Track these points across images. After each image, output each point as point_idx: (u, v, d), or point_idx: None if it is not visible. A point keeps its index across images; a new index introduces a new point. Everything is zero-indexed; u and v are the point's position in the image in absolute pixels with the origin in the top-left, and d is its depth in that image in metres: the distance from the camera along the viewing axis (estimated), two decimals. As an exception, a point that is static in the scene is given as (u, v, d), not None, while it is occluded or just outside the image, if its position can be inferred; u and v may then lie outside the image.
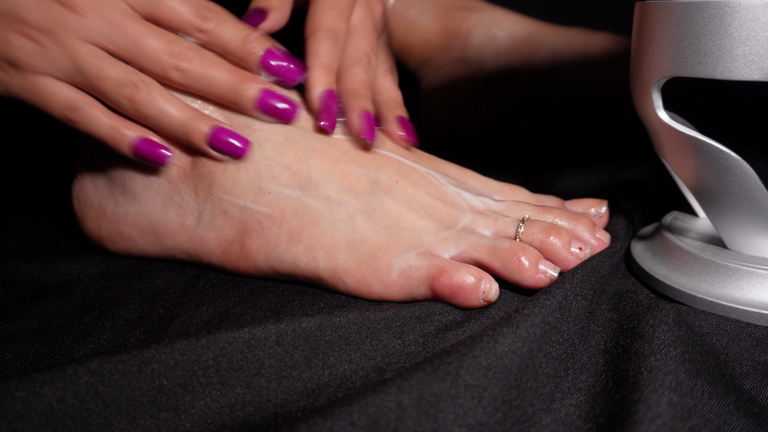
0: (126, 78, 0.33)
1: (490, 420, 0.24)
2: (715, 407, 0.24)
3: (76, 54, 0.33)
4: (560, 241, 0.33)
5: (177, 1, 0.34)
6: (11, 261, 0.39)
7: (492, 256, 0.32)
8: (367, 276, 0.32)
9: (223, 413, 0.25)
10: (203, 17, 0.34)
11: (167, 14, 0.33)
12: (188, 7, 0.34)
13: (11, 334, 0.31)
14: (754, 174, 0.30)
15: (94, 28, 0.32)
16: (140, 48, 0.33)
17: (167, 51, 0.33)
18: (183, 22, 0.34)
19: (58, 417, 0.24)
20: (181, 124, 0.34)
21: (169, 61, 0.33)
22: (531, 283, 0.31)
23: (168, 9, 0.33)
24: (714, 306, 0.31)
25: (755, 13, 0.27)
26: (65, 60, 0.33)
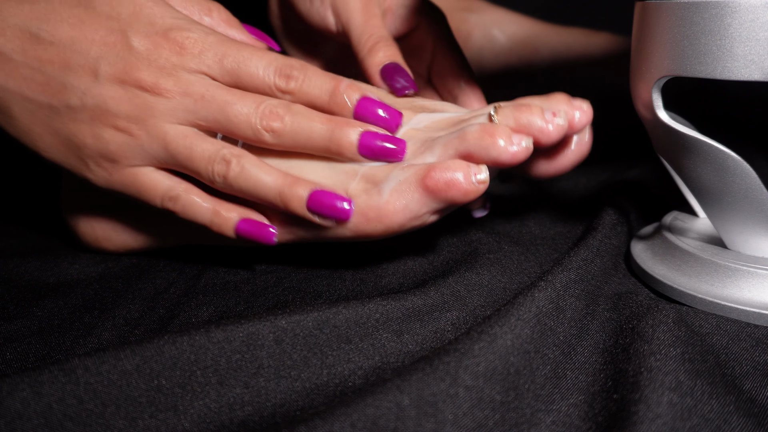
0: (216, 155, 0.32)
1: (488, 421, 0.24)
2: (715, 407, 0.24)
3: (166, 138, 0.32)
4: (531, 113, 0.32)
5: (258, 64, 0.32)
6: (11, 261, 0.39)
7: (465, 142, 0.31)
8: (361, 207, 0.31)
9: (221, 413, 0.25)
10: (287, 77, 0.32)
11: (250, 79, 0.32)
12: (270, 68, 0.32)
13: (11, 334, 0.31)
14: (754, 174, 0.30)
15: (180, 108, 0.31)
16: (228, 116, 0.32)
17: (256, 114, 0.32)
18: (266, 85, 0.32)
19: (57, 417, 0.24)
20: (277, 193, 0.32)
21: (259, 124, 0.32)
22: (507, 157, 0.30)
23: (250, 74, 0.32)
24: (714, 306, 0.31)
25: (755, 13, 0.27)
26: (156, 146, 0.32)
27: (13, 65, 0.32)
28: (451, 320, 0.31)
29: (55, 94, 0.32)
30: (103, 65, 0.31)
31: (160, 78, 0.31)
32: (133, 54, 0.31)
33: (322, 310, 0.29)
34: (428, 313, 0.31)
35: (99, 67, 0.31)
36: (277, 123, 0.32)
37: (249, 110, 0.32)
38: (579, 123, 0.33)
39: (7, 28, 0.32)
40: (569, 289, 0.30)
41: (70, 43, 0.31)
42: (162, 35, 0.32)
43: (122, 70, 0.31)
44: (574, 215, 0.44)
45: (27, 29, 0.31)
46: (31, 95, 0.32)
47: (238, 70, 0.32)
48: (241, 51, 0.32)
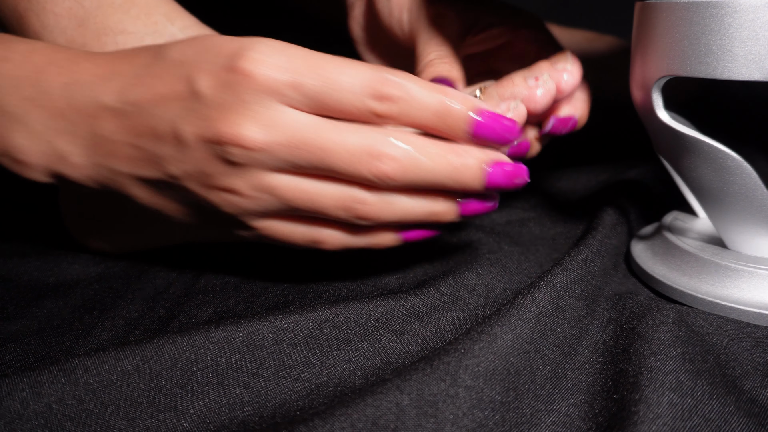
0: (343, 203, 0.28)
1: (488, 421, 0.24)
2: (715, 407, 0.24)
3: (275, 192, 0.28)
4: (514, 84, 0.31)
5: (346, 87, 0.27)
6: (11, 261, 0.39)
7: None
8: None
9: (221, 413, 0.25)
10: (383, 99, 0.27)
11: (339, 107, 0.27)
12: (363, 91, 0.27)
13: (11, 334, 0.31)
14: (754, 174, 0.30)
15: (272, 159, 0.27)
16: (329, 166, 0.27)
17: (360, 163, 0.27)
18: (360, 113, 0.27)
19: (57, 417, 0.24)
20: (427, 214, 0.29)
21: (368, 173, 0.27)
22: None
23: (339, 101, 0.27)
24: (714, 306, 0.31)
25: (756, 12, 0.27)
26: (271, 200, 0.28)
27: (116, 146, 0.29)
28: (451, 320, 0.31)
29: (158, 167, 0.29)
30: (182, 125, 0.28)
31: (236, 126, 0.27)
32: (202, 102, 0.27)
33: (322, 310, 0.29)
34: (428, 313, 0.30)
35: (179, 129, 0.28)
36: (388, 168, 0.27)
37: (351, 158, 0.27)
38: (567, 85, 0.32)
39: (101, 110, 0.29)
40: (569, 289, 0.30)
41: (150, 108, 0.28)
42: (227, 68, 0.27)
43: (199, 127, 0.27)
44: (574, 215, 0.44)
45: (117, 105, 0.29)
46: (140, 173, 0.29)
47: (323, 96, 0.27)
48: (321, 68, 0.27)
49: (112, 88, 0.29)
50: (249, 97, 0.27)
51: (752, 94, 0.36)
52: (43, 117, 0.30)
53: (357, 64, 0.27)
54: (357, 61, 0.27)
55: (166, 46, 0.29)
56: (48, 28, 0.34)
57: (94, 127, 0.29)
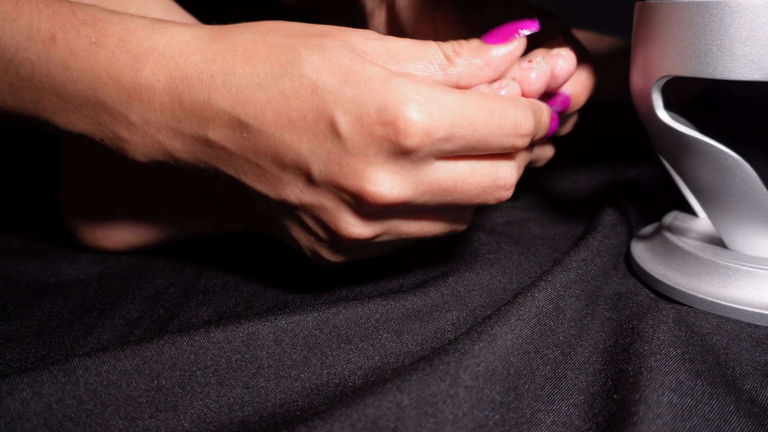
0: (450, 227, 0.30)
1: (488, 421, 0.24)
2: (715, 407, 0.24)
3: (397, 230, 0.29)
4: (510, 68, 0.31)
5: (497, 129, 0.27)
6: (11, 261, 0.39)
7: None
8: None
9: (221, 413, 0.25)
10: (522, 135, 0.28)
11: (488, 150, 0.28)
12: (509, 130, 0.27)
13: (11, 334, 0.31)
14: (754, 174, 0.30)
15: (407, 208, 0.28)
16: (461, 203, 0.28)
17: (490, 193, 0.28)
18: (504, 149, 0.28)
19: (57, 417, 0.24)
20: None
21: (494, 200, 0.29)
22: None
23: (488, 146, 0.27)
24: (714, 306, 0.31)
25: (756, 12, 0.27)
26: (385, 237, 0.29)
27: (228, 153, 0.28)
28: (451, 320, 0.31)
29: (272, 187, 0.28)
30: (315, 165, 0.26)
31: (380, 185, 0.26)
32: (342, 146, 0.26)
33: (322, 310, 0.29)
34: (428, 313, 0.30)
35: (311, 167, 0.27)
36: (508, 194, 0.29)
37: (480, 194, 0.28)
38: (562, 70, 0.32)
39: (216, 115, 0.27)
40: (569, 289, 0.30)
41: (279, 133, 0.26)
42: (380, 121, 0.25)
43: (336, 174, 0.26)
44: (574, 215, 0.44)
45: (235, 115, 0.27)
46: (249, 183, 0.28)
47: (477, 144, 0.27)
48: (475, 118, 0.26)
49: (229, 94, 0.27)
50: (402, 157, 0.26)
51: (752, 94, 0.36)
52: (145, 112, 0.28)
53: (506, 104, 0.27)
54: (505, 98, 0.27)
55: (299, 56, 0.26)
56: None
57: (205, 130, 0.27)
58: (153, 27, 0.28)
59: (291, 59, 0.26)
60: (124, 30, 0.28)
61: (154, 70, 0.27)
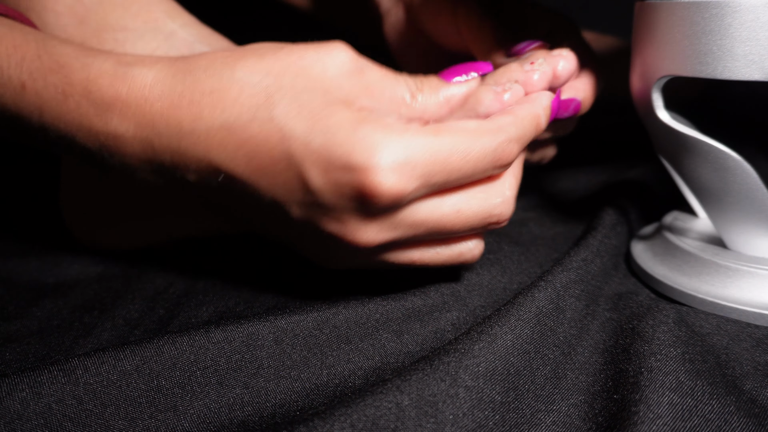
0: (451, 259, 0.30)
1: (488, 422, 0.24)
2: (715, 408, 0.24)
3: (387, 258, 0.29)
4: (509, 69, 0.31)
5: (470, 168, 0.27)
6: (11, 261, 0.39)
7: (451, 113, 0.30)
8: None
9: (221, 413, 0.25)
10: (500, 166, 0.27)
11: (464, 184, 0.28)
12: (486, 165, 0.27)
13: (11, 334, 0.31)
14: (754, 174, 0.30)
15: (393, 244, 0.28)
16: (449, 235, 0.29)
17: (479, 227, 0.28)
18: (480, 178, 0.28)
19: (57, 417, 0.24)
20: None
21: (485, 229, 0.29)
22: (498, 106, 0.29)
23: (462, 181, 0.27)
24: (714, 306, 0.31)
25: (756, 12, 0.27)
26: (376, 263, 0.29)
27: (210, 190, 0.28)
28: (451, 320, 0.31)
29: (260, 216, 0.29)
30: (293, 209, 0.27)
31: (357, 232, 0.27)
32: (316, 199, 0.26)
33: (321, 310, 0.29)
34: (428, 313, 0.30)
35: (290, 210, 0.27)
36: (503, 220, 0.29)
37: (468, 226, 0.28)
38: (564, 70, 0.32)
39: (190, 162, 0.27)
40: (569, 290, 0.30)
41: (253, 178, 0.26)
42: (343, 174, 0.25)
43: (315, 218, 0.27)
44: (574, 215, 0.44)
45: (208, 161, 0.27)
46: (236, 211, 0.29)
47: (451, 183, 0.27)
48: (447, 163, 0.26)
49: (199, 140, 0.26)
50: (374, 212, 0.26)
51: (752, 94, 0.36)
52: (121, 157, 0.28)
53: (484, 139, 0.26)
54: (485, 131, 0.27)
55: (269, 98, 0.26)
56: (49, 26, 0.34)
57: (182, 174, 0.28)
58: (115, 72, 0.27)
59: (261, 102, 0.26)
60: (87, 78, 0.27)
61: (121, 120, 0.27)
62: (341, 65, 0.27)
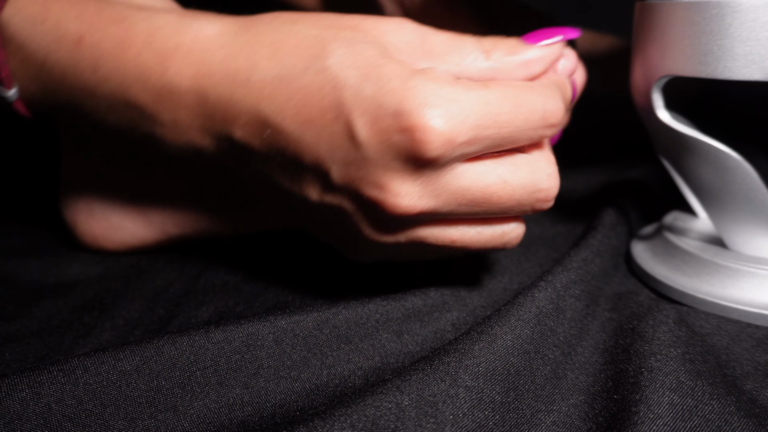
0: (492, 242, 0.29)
1: (488, 422, 0.24)
2: (716, 408, 0.24)
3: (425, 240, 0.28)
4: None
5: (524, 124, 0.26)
6: (11, 261, 0.39)
7: None
8: None
9: (221, 413, 0.25)
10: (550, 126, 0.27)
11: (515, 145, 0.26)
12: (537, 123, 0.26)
13: (11, 334, 0.31)
14: (754, 174, 0.30)
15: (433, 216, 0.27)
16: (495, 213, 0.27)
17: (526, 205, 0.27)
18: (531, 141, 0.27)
19: (57, 418, 0.24)
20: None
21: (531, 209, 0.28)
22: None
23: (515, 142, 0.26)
24: (714, 306, 0.31)
25: (756, 12, 0.27)
26: (412, 246, 0.28)
27: (253, 151, 0.27)
28: (451, 320, 0.31)
29: (295, 184, 0.27)
30: (334, 167, 0.26)
31: (397, 197, 0.25)
32: (361, 152, 0.25)
33: (321, 310, 0.29)
34: (428, 313, 0.30)
35: (330, 170, 0.26)
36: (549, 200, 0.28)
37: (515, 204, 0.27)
38: (565, 69, 0.31)
39: (240, 113, 0.26)
40: (569, 290, 0.30)
41: (299, 132, 0.25)
42: (393, 121, 0.24)
43: (354, 179, 0.26)
44: (574, 215, 0.44)
45: (257, 113, 0.26)
46: (274, 178, 0.28)
47: (503, 142, 0.26)
48: (500, 115, 0.25)
49: (252, 90, 0.26)
50: (419, 165, 0.25)
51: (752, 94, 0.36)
52: (173, 111, 0.27)
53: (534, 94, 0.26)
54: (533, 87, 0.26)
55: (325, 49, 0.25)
56: None
57: (230, 128, 0.27)
58: (179, 22, 0.27)
59: (317, 52, 0.25)
60: (151, 26, 0.27)
61: (180, 68, 0.27)
62: (402, 33, 0.27)
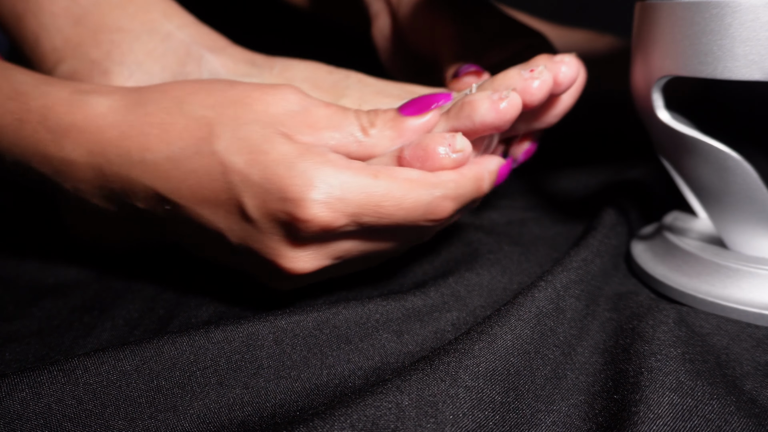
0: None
1: (488, 422, 0.24)
2: (715, 408, 0.24)
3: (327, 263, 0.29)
4: (508, 76, 0.30)
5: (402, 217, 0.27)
6: (11, 261, 0.39)
7: (450, 119, 0.29)
8: None
9: (221, 413, 0.25)
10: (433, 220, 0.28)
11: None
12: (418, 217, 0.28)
13: (11, 335, 0.31)
14: (754, 174, 0.30)
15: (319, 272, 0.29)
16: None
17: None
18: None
19: (57, 417, 0.24)
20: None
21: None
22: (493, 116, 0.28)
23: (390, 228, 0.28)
24: (714, 306, 0.31)
25: (756, 12, 0.27)
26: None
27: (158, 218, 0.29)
28: (451, 320, 0.31)
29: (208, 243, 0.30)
30: (233, 238, 0.28)
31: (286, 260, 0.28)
32: (254, 227, 0.27)
33: (321, 310, 0.29)
34: (428, 313, 0.30)
35: (230, 240, 0.28)
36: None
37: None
38: (565, 77, 0.31)
39: (138, 190, 0.28)
40: (569, 290, 0.30)
41: (197, 209, 0.28)
42: (279, 204, 0.26)
43: (253, 247, 0.28)
44: (574, 215, 0.44)
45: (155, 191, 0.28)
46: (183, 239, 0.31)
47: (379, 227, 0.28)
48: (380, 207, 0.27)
49: (147, 170, 0.28)
50: (303, 237, 0.27)
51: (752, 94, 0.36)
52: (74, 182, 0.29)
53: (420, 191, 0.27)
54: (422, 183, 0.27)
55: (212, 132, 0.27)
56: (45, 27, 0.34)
57: (132, 200, 0.29)
58: (72, 100, 0.29)
59: (205, 135, 0.27)
60: (44, 106, 0.29)
61: (75, 146, 0.28)
62: (286, 104, 0.28)
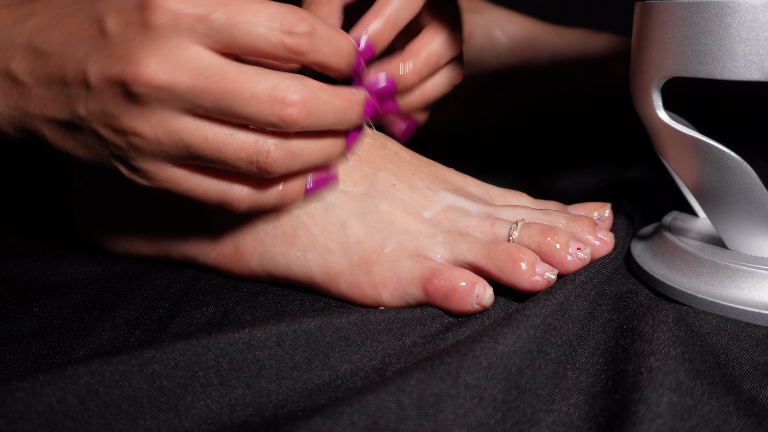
0: (247, 155, 0.29)
1: (489, 420, 0.24)
2: (715, 407, 0.24)
3: (179, 135, 0.28)
4: (558, 242, 0.32)
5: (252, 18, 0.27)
6: (11, 261, 0.39)
7: (487, 259, 0.31)
8: (359, 279, 0.31)
9: (223, 414, 0.25)
10: (290, 33, 0.27)
11: (248, 39, 0.27)
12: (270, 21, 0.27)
13: (11, 334, 0.31)
14: (754, 174, 0.30)
15: (174, 98, 0.27)
16: (237, 111, 0.28)
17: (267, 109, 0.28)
18: (269, 44, 0.27)
19: (59, 417, 0.24)
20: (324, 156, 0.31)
21: (274, 117, 0.28)
22: (527, 285, 0.31)
23: (246, 32, 0.27)
24: (714, 306, 0.31)
25: (755, 13, 0.27)
26: (174, 146, 0.28)
27: (27, 89, 0.29)
28: (453, 323, 0.31)
29: (66, 107, 0.29)
30: (88, 65, 0.28)
31: (139, 64, 0.27)
32: (109, 41, 0.27)
33: (323, 310, 0.29)
34: (430, 316, 0.31)
35: (87, 69, 0.28)
36: (293, 111, 0.28)
37: (257, 102, 0.27)
38: (598, 254, 0.33)
39: (15, 49, 0.29)
40: (570, 290, 0.30)
41: (62, 49, 0.28)
42: (136, 5, 0.27)
43: (105, 66, 0.27)
44: (574, 215, 0.43)
45: (30, 45, 0.29)
46: (50, 114, 0.29)
47: (232, 29, 0.27)
48: (230, 3, 0.27)
49: (29, 29, 0.29)
50: (155, 34, 0.27)
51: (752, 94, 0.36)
52: None
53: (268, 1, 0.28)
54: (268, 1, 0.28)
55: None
56: None
57: (8, 69, 0.29)
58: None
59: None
60: None
61: None
62: None
